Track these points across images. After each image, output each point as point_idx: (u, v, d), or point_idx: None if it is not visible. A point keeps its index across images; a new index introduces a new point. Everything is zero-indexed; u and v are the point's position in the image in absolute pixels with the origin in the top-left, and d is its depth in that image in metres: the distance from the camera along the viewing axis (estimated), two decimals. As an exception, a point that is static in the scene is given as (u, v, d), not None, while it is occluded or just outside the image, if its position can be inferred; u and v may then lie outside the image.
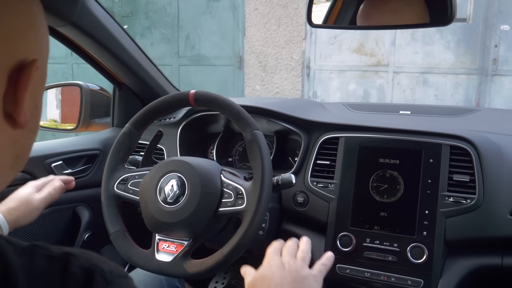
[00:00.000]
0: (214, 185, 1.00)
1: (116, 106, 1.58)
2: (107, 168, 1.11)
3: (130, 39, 1.35)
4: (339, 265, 1.14)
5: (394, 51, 4.57)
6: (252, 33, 5.04)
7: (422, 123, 1.24)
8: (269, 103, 1.34)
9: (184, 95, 1.07)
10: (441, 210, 1.08)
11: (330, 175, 1.20)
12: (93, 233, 1.42)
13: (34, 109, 0.47)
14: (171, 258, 1.00)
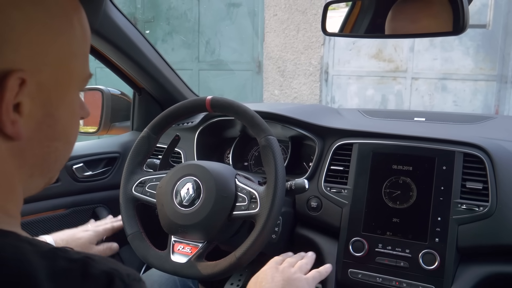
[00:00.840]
0: (228, 189, 1.02)
1: (136, 110, 1.62)
2: (125, 171, 1.14)
3: (150, 45, 1.39)
4: (351, 270, 1.16)
5: (412, 57, 4.55)
6: (271, 39, 5.07)
7: (436, 130, 1.24)
8: (284, 109, 1.36)
9: (201, 101, 1.10)
10: (454, 217, 1.08)
11: (343, 181, 1.22)
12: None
13: (46, 118, 0.47)
14: (186, 260, 1.02)
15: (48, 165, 0.51)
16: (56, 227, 1.35)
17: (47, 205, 1.33)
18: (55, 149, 0.50)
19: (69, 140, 0.53)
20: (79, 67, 0.51)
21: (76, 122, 0.53)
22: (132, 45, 1.29)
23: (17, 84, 0.43)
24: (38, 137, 0.47)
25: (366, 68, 4.75)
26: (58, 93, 0.48)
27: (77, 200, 1.40)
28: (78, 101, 0.53)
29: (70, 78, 0.50)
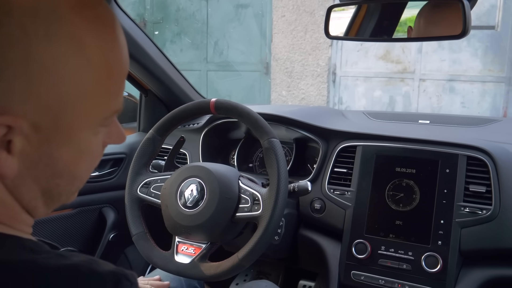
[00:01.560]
0: (231, 190, 1.03)
1: (142, 112, 1.64)
2: (131, 172, 1.15)
3: (156, 47, 1.40)
4: (354, 272, 1.16)
5: (420, 58, 4.53)
6: (279, 40, 5.08)
7: (440, 133, 1.25)
8: (288, 111, 1.37)
9: (205, 103, 1.11)
10: (457, 220, 1.08)
11: (347, 183, 1.23)
12: (118, 234, 1.47)
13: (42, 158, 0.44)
14: (189, 260, 1.03)
15: (51, 198, 0.48)
16: (63, 226, 1.37)
17: None
18: (56, 185, 0.47)
19: (75, 176, 0.49)
20: (95, 107, 0.45)
21: (86, 160, 0.49)
22: (138, 48, 1.30)
23: (1, 127, 0.40)
24: (33, 174, 0.45)
25: (374, 69, 4.74)
26: (60, 135, 0.44)
27: (84, 200, 1.42)
28: (95, 139, 0.49)
29: (79, 119, 0.45)
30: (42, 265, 0.41)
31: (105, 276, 0.43)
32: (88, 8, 0.43)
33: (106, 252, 1.45)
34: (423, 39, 1.00)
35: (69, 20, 0.41)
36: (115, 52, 0.46)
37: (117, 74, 0.47)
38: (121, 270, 0.45)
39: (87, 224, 1.44)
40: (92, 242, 1.46)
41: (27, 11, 0.39)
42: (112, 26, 0.46)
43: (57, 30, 0.40)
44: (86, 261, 0.44)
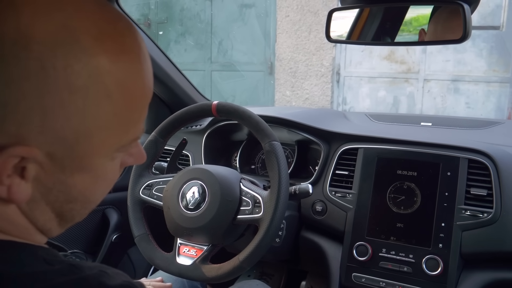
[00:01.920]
0: (233, 193, 1.04)
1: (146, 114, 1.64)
2: (133, 174, 1.16)
3: (158, 49, 1.41)
4: (355, 274, 1.17)
5: (425, 59, 4.52)
6: (283, 40, 5.08)
7: (442, 136, 1.25)
8: (290, 113, 1.37)
9: (207, 106, 1.12)
10: (458, 223, 1.08)
11: (348, 185, 1.23)
12: (121, 235, 1.48)
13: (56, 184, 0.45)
14: (191, 262, 1.04)
15: (65, 220, 0.49)
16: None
17: None
18: (69, 209, 0.48)
19: (90, 200, 0.49)
20: (112, 137, 0.45)
21: (102, 185, 0.49)
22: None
23: (13, 159, 0.40)
24: (47, 199, 0.45)
25: (378, 69, 4.73)
26: (75, 163, 0.44)
27: None
28: (112, 165, 0.48)
29: (96, 149, 0.44)
30: (52, 280, 0.42)
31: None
32: (112, 39, 0.42)
33: (109, 253, 1.46)
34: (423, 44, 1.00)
35: (90, 52, 0.40)
36: (138, 82, 0.45)
37: (138, 103, 0.46)
38: (130, 283, 0.46)
39: (90, 225, 1.45)
40: (95, 243, 1.47)
41: (48, 44, 0.38)
42: (136, 55, 0.44)
43: (76, 62, 0.40)
44: (96, 273, 0.44)
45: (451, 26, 0.86)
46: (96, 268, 0.46)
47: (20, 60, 0.38)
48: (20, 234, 0.46)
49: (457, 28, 0.83)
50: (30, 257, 0.43)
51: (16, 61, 0.38)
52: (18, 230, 0.45)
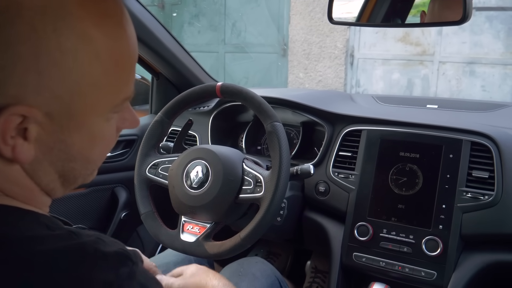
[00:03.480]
0: (235, 172, 1.06)
1: (154, 94, 1.67)
2: (140, 153, 1.19)
3: (166, 31, 1.42)
4: (356, 254, 1.18)
5: (440, 41, 4.44)
6: (296, 21, 5.04)
7: (446, 118, 1.25)
8: (296, 95, 1.38)
9: (212, 87, 1.13)
10: (458, 205, 1.09)
11: (351, 167, 1.24)
12: (129, 213, 1.52)
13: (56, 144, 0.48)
14: (194, 239, 1.07)
15: (67, 180, 0.52)
16: (77, 204, 1.42)
17: None
18: (71, 168, 0.51)
19: (89, 160, 0.52)
20: (105, 96, 0.48)
21: (99, 145, 0.52)
22: (147, 32, 1.32)
23: (15, 118, 0.43)
24: (49, 159, 0.48)
25: (392, 51, 4.67)
26: (73, 122, 0.47)
27: (96, 180, 1.45)
28: (107, 125, 0.52)
29: (90, 107, 0.48)
30: (51, 244, 0.44)
31: (109, 256, 0.46)
32: (95, 3, 0.46)
33: (118, 230, 1.50)
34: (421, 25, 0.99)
35: (76, 16, 0.44)
36: (122, 43, 0.48)
37: (125, 64, 0.50)
38: (124, 251, 0.48)
39: (100, 203, 1.49)
40: (104, 220, 1.51)
41: (36, 9, 0.42)
42: (119, 19, 0.48)
43: (64, 26, 0.43)
44: (93, 240, 0.47)
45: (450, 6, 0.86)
46: (94, 235, 0.48)
47: (13, 25, 0.41)
48: (25, 195, 0.49)
49: (456, 9, 0.82)
50: (32, 222, 0.46)
51: (10, 26, 0.41)
52: (23, 192, 0.49)
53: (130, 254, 0.48)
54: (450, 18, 0.86)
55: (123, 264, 0.46)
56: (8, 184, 0.47)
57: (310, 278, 1.61)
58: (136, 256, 0.49)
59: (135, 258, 0.48)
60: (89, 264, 0.44)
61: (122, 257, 0.47)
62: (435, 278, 1.09)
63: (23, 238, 0.44)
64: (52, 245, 0.44)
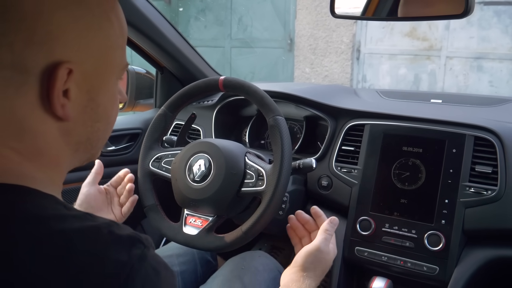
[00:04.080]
0: (237, 166, 1.06)
1: (159, 88, 1.67)
2: (143, 147, 1.20)
3: (170, 25, 1.43)
4: (358, 248, 1.19)
5: (447, 35, 4.41)
6: (303, 16, 5.02)
7: (450, 113, 1.24)
8: (298, 89, 1.38)
9: (214, 81, 1.14)
10: (461, 200, 1.09)
11: (354, 161, 1.24)
12: (135, 205, 1.52)
13: (90, 102, 0.55)
14: (197, 232, 1.08)
15: (91, 143, 0.58)
16: (81, 198, 1.43)
17: (73, 177, 1.40)
18: (97, 129, 0.58)
19: (109, 121, 0.60)
20: (117, 58, 0.58)
21: (115, 105, 0.60)
22: (151, 26, 1.33)
23: (65, 74, 0.50)
24: (83, 118, 0.55)
25: (399, 46, 4.64)
26: (99, 81, 0.55)
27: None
28: (117, 87, 0.61)
29: (110, 67, 0.57)
30: (69, 223, 0.47)
31: (122, 238, 0.48)
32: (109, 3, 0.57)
33: (122, 223, 1.50)
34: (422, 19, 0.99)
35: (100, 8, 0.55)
36: (122, 19, 0.59)
37: (124, 32, 0.60)
38: (137, 235, 0.50)
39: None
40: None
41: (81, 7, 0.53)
42: (118, 5, 0.60)
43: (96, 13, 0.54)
44: (107, 223, 0.49)
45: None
46: (107, 219, 0.51)
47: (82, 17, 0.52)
48: (52, 158, 0.53)
49: (458, 2, 0.82)
50: (52, 202, 0.49)
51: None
52: (52, 151, 0.53)
53: (142, 238, 0.51)
54: (452, 11, 0.86)
55: (136, 247, 0.49)
56: (43, 143, 0.52)
57: None
58: (148, 241, 0.51)
59: (147, 243, 0.51)
60: (104, 245, 0.47)
61: (135, 240, 0.49)
62: (437, 273, 1.09)
63: (43, 216, 0.47)
64: (70, 224, 0.47)
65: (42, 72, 0.49)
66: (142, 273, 0.48)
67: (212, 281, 1.14)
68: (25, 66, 0.48)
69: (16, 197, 0.48)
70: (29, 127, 0.51)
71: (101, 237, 0.47)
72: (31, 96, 0.50)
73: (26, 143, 0.51)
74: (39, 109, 0.50)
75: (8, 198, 0.47)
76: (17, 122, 0.50)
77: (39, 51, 0.48)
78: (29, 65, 0.48)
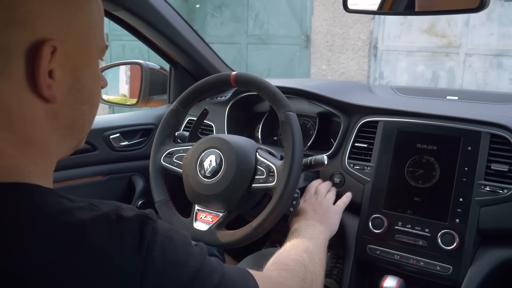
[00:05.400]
0: (248, 162, 1.06)
1: (172, 84, 1.68)
2: (155, 142, 1.20)
3: (183, 21, 1.43)
4: (370, 246, 1.17)
5: (467, 32, 4.33)
6: (320, 13, 4.98)
7: (466, 110, 1.21)
8: (311, 85, 1.37)
9: (226, 76, 1.13)
10: (476, 198, 1.07)
11: (367, 158, 1.23)
12: (146, 201, 1.53)
13: (74, 83, 0.54)
14: (207, 228, 1.08)
15: (77, 127, 0.58)
16: (95, 192, 1.45)
17: (86, 172, 1.42)
18: (83, 112, 0.57)
19: (94, 103, 0.60)
20: (98, 37, 0.58)
21: (98, 87, 0.60)
22: (164, 22, 1.33)
23: (49, 52, 0.50)
24: (69, 100, 0.54)
25: (417, 43, 4.57)
26: (82, 60, 0.55)
27: (114, 168, 1.49)
28: (99, 70, 0.61)
29: (91, 47, 0.57)
30: (77, 215, 0.47)
31: (132, 220, 0.50)
32: None
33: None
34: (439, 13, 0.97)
35: None
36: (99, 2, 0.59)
37: (102, 13, 0.60)
38: (143, 212, 0.53)
39: (117, 190, 1.51)
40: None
41: None
42: None
43: None
44: (113, 209, 0.51)
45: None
46: (111, 204, 0.52)
47: None
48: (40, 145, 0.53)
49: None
50: (55, 196, 0.50)
51: None
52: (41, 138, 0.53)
53: (148, 213, 0.53)
54: (468, 5, 0.84)
55: (146, 224, 0.51)
56: (32, 129, 0.52)
57: (331, 263, 1.60)
58: (153, 214, 0.54)
59: (153, 216, 0.53)
60: (116, 230, 0.48)
61: (143, 218, 0.51)
62: (451, 272, 1.07)
63: (52, 211, 0.47)
64: (79, 216, 0.47)
65: (26, 52, 0.49)
66: (159, 245, 0.50)
67: None
68: (8, 46, 0.48)
69: (20, 196, 0.48)
70: (17, 112, 0.50)
71: (112, 224, 0.49)
72: (16, 78, 0.49)
73: (16, 131, 0.51)
74: (26, 91, 0.50)
75: (13, 198, 0.47)
76: (5, 108, 0.49)
77: (21, 30, 0.48)
78: (12, 45, 0.48)
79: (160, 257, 0.50)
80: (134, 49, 6.18)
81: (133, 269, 0.47)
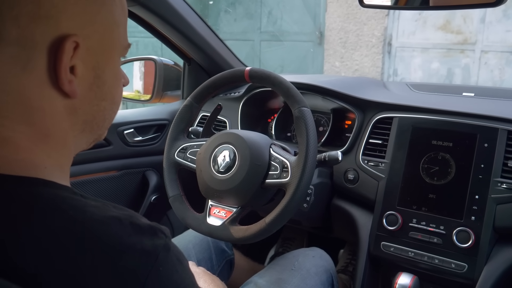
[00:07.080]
0: (262, 157, 1.06)
1: (186, 80, 1.68)
2: (169, 137, 1.20)
3: (198, 17, 1.43)
4: (384, 243, 1.16)
5: (483, 29, 4.27)
6: (333, 9, 4.95)
7: (482, 106, 1.20)
8: (326, 81, 1.36)
9: (240, 72, 1.13)
10: (492, 196, 1.05)
11: (381, 154, 1.22)
12: (160, 196, 1.54)
13: (95, 79, 0.54)
14: (220, 223, 1.08)
15: (97, 122, 0.58)
16: (109, 187, 1.46)
17: (100, 167, 1.44)
18: (103, 108, 0.57)
19: (114, 100, 0.59)
20: (121, 35, 0.58)
21: (119, 84, 0.60)
22: (179, 17, 1.33)
23: (72, 48, 0.50)
24: (89, 96, 0.54)
25: (432, 40, 4.52)
26: (104, 57, 0.55)
27: (128, 163, 1.50)
28: (120, 68, 0.61)
29: (114, 44, 0.56)
30: (89, 214, 0.47)
31: (144, 228, 0.49)
32: None
33: (148, 214, 1.52)
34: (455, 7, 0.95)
35: None
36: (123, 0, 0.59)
37: (126, 11, 0.60)
38: (156, 224, 0.51)
39: (131, 186, 1.52)
40: (135, 203, 1.54)
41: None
42: None
43: None
44: (127, 214, 0.50)
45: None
46: (126, 210, 0.52)
47: None
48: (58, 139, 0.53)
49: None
50: (69, 192, 0.50)
51: None
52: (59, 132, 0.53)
53: (162, 228, 0.52)
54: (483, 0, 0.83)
55: (157, 236, 0.50)
56: (51, 123, 0.52)
57: (346, 260, 1.60)
58: (167, 231, 0.52)
59: (167, 232, 0.52)
60: (127, 235, 0.47)
61: (156, 230, 0.50)
62: (466, 270, 1.06)
63: (66, 207, 0.47)
64: (91, 214, 0.47)
65: (49, 46, 0.49)
66: (169, 262, 0.49)
67: (259, 278, 1.12)
68: (32, 40, 0.48)
69: (34, 190, 0.48)
70: (37, 106, 0.50)
71: (123, 227, 0.48)
72: (38, 72, 0.49)
73: (35, 125, 0.51)
74: (47, 85, 0.50)
75: (26, 192, 0.47)
76: (25, 101, 0.50)
77: (45, 25, 0.48)
78: (36, 39, 0.48)
79: (165, 275, 0.48)
80: (147, 45, 6.21)
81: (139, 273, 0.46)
